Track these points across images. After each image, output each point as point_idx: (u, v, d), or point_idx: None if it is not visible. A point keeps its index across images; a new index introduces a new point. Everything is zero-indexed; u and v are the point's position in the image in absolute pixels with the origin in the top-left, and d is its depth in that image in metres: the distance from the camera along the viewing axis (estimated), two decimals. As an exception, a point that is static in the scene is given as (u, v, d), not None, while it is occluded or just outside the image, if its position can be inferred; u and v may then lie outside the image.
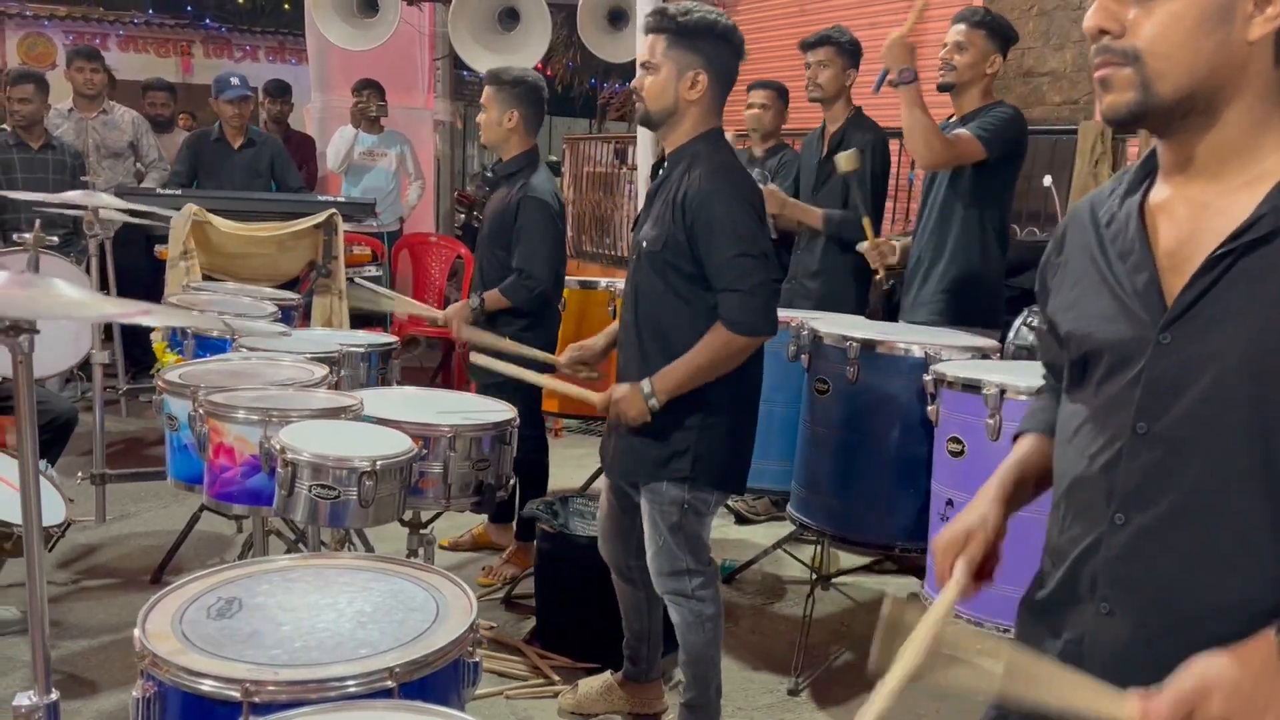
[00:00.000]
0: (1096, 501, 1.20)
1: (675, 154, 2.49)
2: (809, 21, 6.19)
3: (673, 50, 2.40)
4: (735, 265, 2.33)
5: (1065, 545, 1.25)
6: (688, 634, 2.56)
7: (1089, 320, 1.24)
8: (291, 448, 2.11)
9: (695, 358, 2.37)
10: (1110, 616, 1.18)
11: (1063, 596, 1.25)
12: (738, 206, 2.35)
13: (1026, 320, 3.78)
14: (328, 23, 6.29)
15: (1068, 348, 1.28)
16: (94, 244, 3.79)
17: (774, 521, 4.35)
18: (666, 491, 2.47)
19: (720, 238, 2.33)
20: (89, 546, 3.85)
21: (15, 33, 12.03)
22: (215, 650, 1.46)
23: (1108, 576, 1.19)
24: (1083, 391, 1.25)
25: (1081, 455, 1.23)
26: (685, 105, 2.43)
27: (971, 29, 3.30)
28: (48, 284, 1.25)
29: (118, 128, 6.06)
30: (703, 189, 2.35)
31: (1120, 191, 1.26)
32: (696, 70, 2.40)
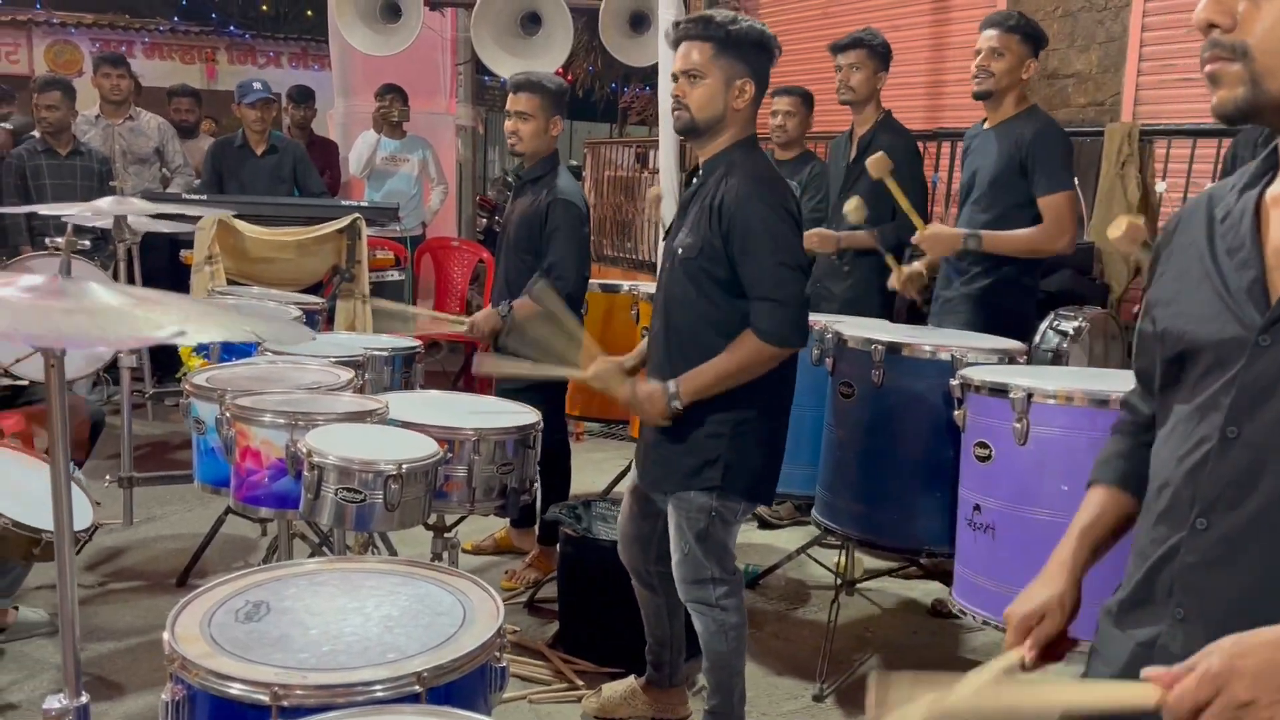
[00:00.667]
0: (1181, 505, 1.18)
1: (711, 162, 2.46)
2: (833, 25, 6.17)
3: (720, 59, 2.36)
4: (772, 274, 2.31)
5: (1147, 547, 1.23)
6: (711, 642, 2.54)
7: (1188, 317, 1.20)
8: (318, 451, 2.11)
9: (722, 363, 2.36)
10: (1184, 622, 1.16)
11: (1139, 597, 1.23)
12: (776, 215, 2.33)
13: (1052, 324, 3.75)
14: (351, 28, 6.33)
15: (1163, 344, 1.24)
16: (123, 249, 3.83)
17: (798, 526, 4.33)
18: (694, 499, 2.45)
19: (758, 245, 2.31)
20: (116, 549, 3.88)
21: (42, 40, 12.17)
22: (243, 654, 1.46)
23: (1184, 581, 1.16)
24: (1178, 391, 1.22)
25: (1171, 456, 1.20)
26: (732, 114, 2.40)
27: (1006, 34, 3.26)
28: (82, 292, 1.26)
29: (144, 134, 6.12)
30: (741, 195, 2.33)
31: (1239, 186, 1.22)
32: (745, 79, 2.38)
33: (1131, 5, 4.76)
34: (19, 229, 5.31)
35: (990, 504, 2.50)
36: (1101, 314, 3.78)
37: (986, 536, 2.51)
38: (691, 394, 2.38)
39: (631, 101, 13.24)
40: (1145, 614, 1.22)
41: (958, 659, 3.32)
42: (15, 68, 11.83)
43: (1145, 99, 4.77)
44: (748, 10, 7.01)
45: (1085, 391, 2.32)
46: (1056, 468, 2.34)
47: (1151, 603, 1.21)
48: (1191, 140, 4.35)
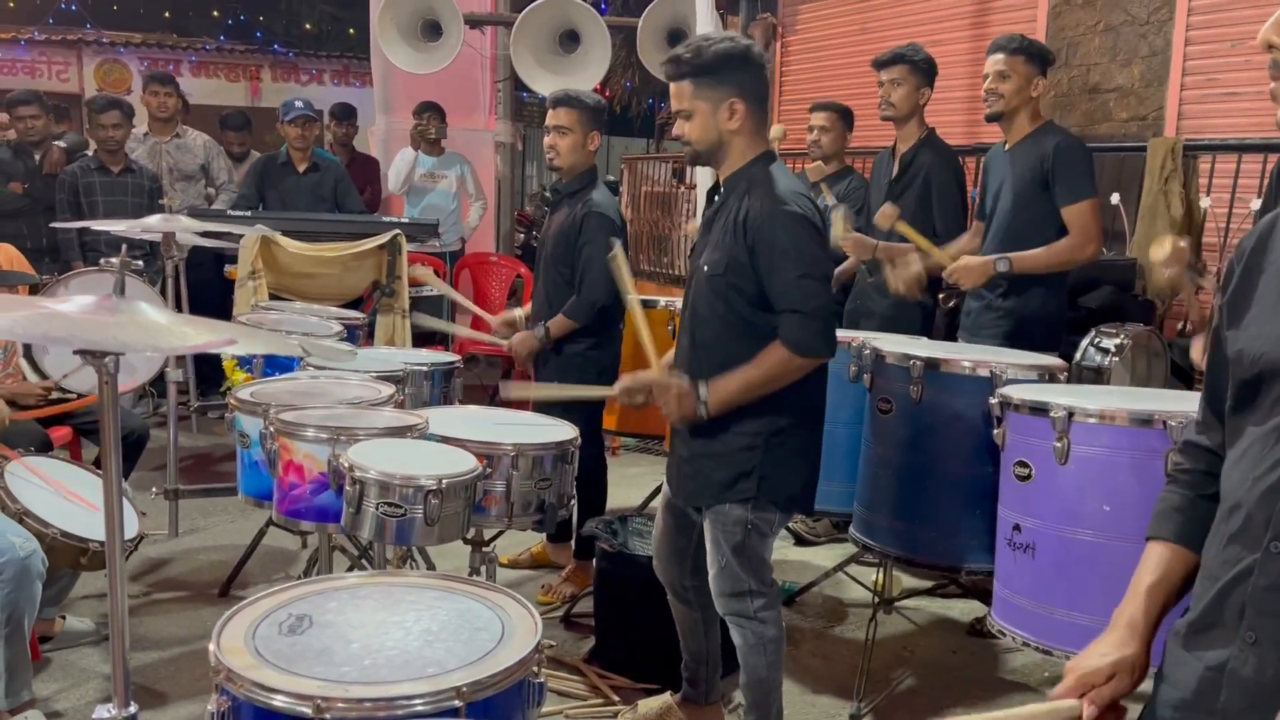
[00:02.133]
0: (1254, 527, 1.16)
1: (731, 180, 2.48)
2: (870, 40, 6.16)
3: (700, 90, 2.40)
4: (798, 286, 2.33)
5: (1219, 569, 1.21)
6: (749, 656, 2.54)
7: (1264, 340, 1.19)
8: (359, 466, 2.14)
9: (750, 373, 2.37)
10: (1255, 645, 1.15)
11: (1208, 620, 1.22)
12: (799, 227, 2.35)
13: (1094, 341, 3.71)
14: (392, 47, 6.42)
15: (1235, 366, 1.23)
16: (170, 265, 3.90)
17: (834, 543, 4.31)
18: (730, 512, 2.46)
19: (783, 259, 2.33)
20: (160, 560, 3.95)
21: (92, 59, 12.46)
22: (287, 666, 1.48)
23: (1257, 605, 1.15)
24: (1253, 413, 1.21)
25: (1244, 478, 1.19)
26: (729, 136, 2.43)
27: (1011, 56, 3.35)
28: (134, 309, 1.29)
29: (190, 151, 6.24)
30: (764, 210, 2.35)
31: None
32: (731, 100, 2.40)
33: (1175, 19, 4.71)
34: (71, 245, 5.43)
35: (1030, 524, 2.47)
36: (1144, 331, 3.74)
37: (1026, 556, 2.48)
38: (720, 403, 2.40)
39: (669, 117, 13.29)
40: (1215, 637, 1.20)
41: (996, 679, 3.28)
42: (66, 86, 12.12)
43: (1189, 113, 4.71)
44: (785, 27, 7.02)
45: (1128, 411, 2.30)
46: (1098, 488, 2.31)
47: (1221, 625, 1.19)
48: (1237, 155, 4.29)
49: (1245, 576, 1.16)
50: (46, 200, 5.50)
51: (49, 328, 1.31)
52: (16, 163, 5.59)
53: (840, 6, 6.60)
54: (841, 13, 6.60)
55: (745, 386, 2.38)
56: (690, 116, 2.43)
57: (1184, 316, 4.44)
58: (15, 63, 12.08)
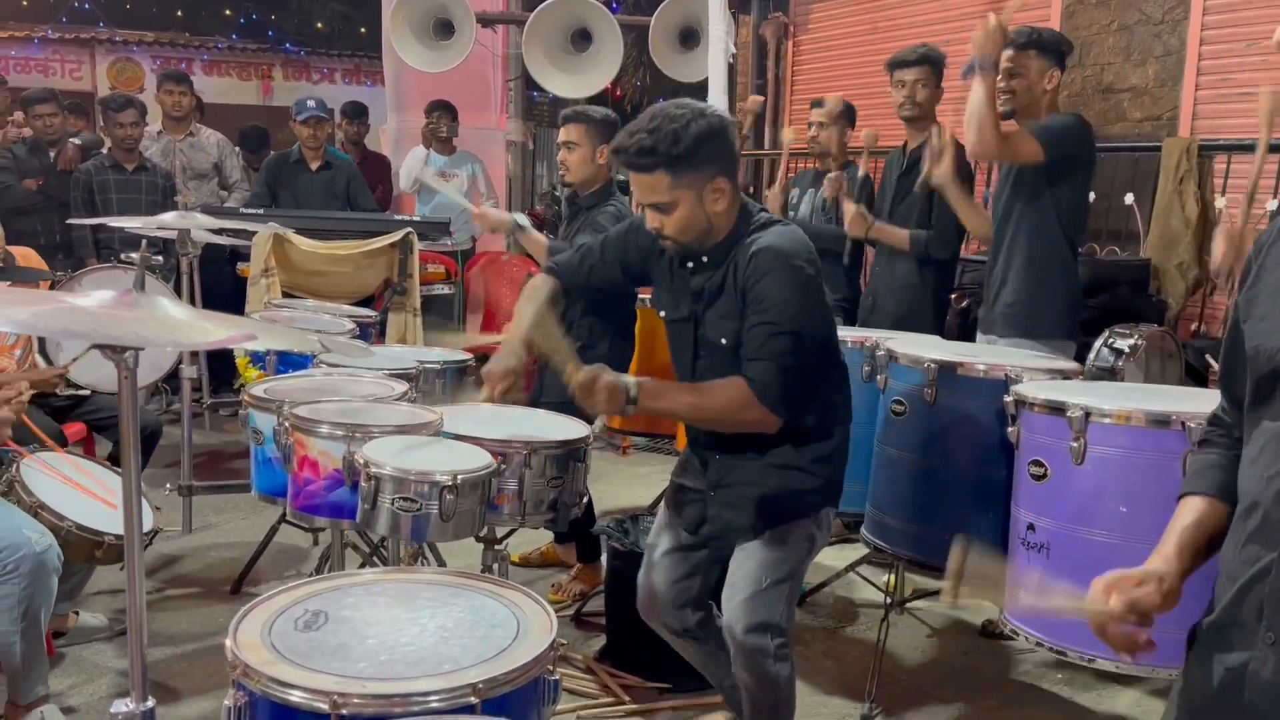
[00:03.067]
0: (1271, 526, 1.16)
1: (716, 249, 2.28)
2: (882, 39, 6.15)
3: (681, 178, 2.16)
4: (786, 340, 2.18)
5: (1237, 568, 1.21)
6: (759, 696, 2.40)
7: (1277, 334, 1.18)
8: (375, 462, 2.14)
9: (701, 399, 2.26)
10: (1275, 646, 1.14)
11: (1229, 620, 1.21)
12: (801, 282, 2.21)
13: (1107, 341, 3.70)
14: (404, 45, 6.43)
15: (1252, 360, 1.23)
16: (185, 262, 3.92)
17: (846, 544, 4.30)
18: (798, 527, 2.36)
19: (779, 308, 2.18)
20: (173, 556, 3.96)
21: (105, 58, 12.52)
22: (303, 662, 1.48)
23: (1276, 604, 1.14)
24: (1268, 409, 1.20)
25: (1261, 476, 1.18)
26: (717, 217, 2.23)
27: (1019, 52, 3.30)
28: (153, 304, 1.30)
29: (203, 149, 6.26)
30: (760, 268, 2.19)
31: None
32: (714, 180, 2.19)
33: (1189, 18, 4.69)
34: (85, 242, 5.46)
35: (1045, 524, 2.46)
36: (1158, 331, 3.72)
37: (1041, 556, 2.47)
38: (648, 409, 2.23)
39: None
40: (1235, 638, 1.20)
41: (1009, 680, 3.27)
42: (79, 84, 12.18)
43: (1204, 113, 4.69)
44: (796, 26, 7.02)
45: (1145, 411, 2.29)
46: (1114, 488, 2.31)
47: (1241, 626, 1.19)
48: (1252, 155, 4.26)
49: (1264, 576, 1.15)
50: (61, 197, 5.53)
51: (69, 322, 1.32)
52: (32, 160, 5.62)
53: (852, 5, 6.60)
54: (853, 12, 6.59)
55: (687, 410, 2.30)
56: (670, 210, 2.19)
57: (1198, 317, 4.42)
58: (29, 61, 12.14)
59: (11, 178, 5.54)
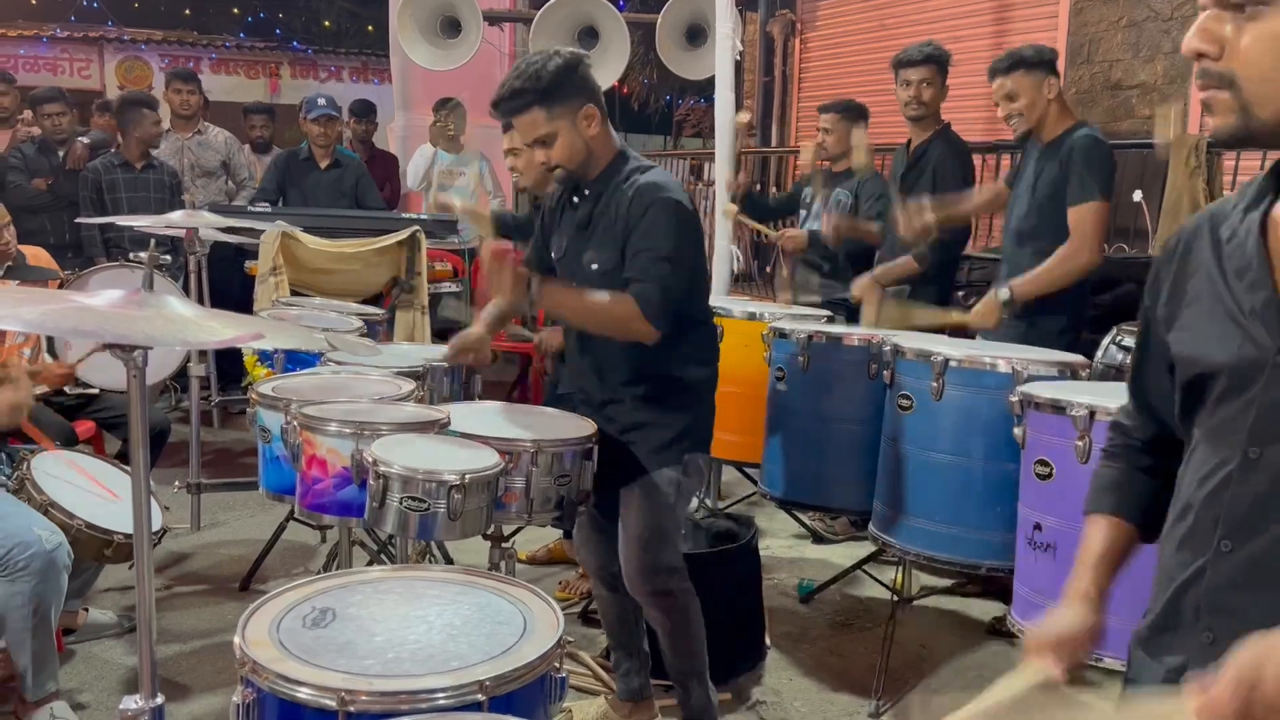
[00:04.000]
0: (1204, 527, 1.17)
1: (597, 180, 2.53)
2: (889, 37, 6.14)
3: (554, 110, 2.41)
4: (665, 264, 2.40)
5: (1173, 570, 1.22)
6: (679, 633, 2.60)
7: (1201, 340, 1.20)
8: (383, 460, 2.15)
9: (596, 304, 2.44)
10: (1214, 645, 1.15)
11: (1166, 622, 1.23)
12: (669, 210, 2.42)
13: (1115, 339, 3.69)
14: (412, 44, 6.44)
15: (1181, 368, 1.24)
16: (193, 261, 3.93)
17: (852, 541, 4.30)
18: (663, 473, 2.53)
19: (655, 239, 2.40)
20: (181, 554, 3.98)
21: (113, 56, 12.57)
22: (311, 659, 1.49)
23: (1211, 604, 1.16)
24: (1198, 415, 1.22)
25: (1192, 480, 1.20)
26: (594, 142, 2.48)
27: (1006, 76, 3.31)
28: (161, 303, 1.30)
29: (211, 147, 6.28)
30: (645, 199, 2.42)
31: (1242, 205, 1.21)
32: (583, 108, 2.43)
33: (1198, 15, 4.67)
34: (94, 240, 5.48)
35: (1051, 522, 2.46)
36: (1166, 329, 3.71)
37: (1047, 555, 2.47)
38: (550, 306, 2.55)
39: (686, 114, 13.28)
40: (1173, 639, 1.21)
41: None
42: (87, 83, 12.23)
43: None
44: (804, 24, 7.01)
45: (1151, 409, 2.28)
46: (1121, 486, 2.30)
47: (1179, 628, 1.20)
48: (1262, 152, 4.25)
49: (1199, 578, 1.17)
50: (70, 196, 5.55)
51: (78, 322, 1.33)
52: (41, 159, 5.64)
53: (859, 3, 6.59)
54: (860, 9, 6.58)
55: (584, 311, 2.48)
56: (551, 141, 2.44)
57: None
58: (37, 59, 12.20)
59: (21, 177, 5.56)
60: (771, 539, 4.34)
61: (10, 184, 5.52)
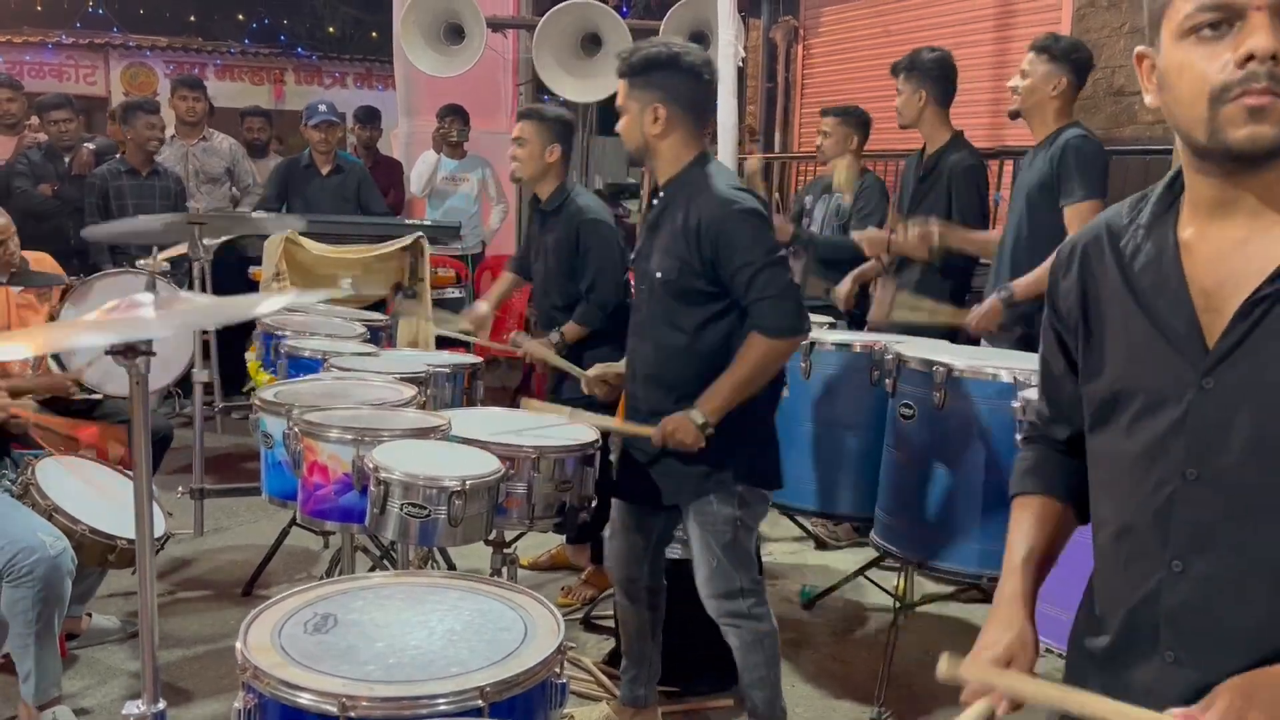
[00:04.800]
0: (1150, 548, 1.16)
1: (670, 185, 2.52)
2: (893, 43, 6.15)
3: (632, 90, 2.48)
4: (761, 276, 2.36)
5: (1121, 591, 1.21)
6: (748, 655, 2.56)
7: (1118, 359, 1.19)
8: (384, 466, 2.16)
9: (738, 372, 2.39)
10: (1178, 666, 1.15)
11: (1123, 646, 1.21)
12: (751, 221, 2.39)
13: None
14: (415, 50, 6.45)
15: (1093, 385, 1.24)
16: (198, 267, 3.94)
17: (855, 548, 4.30)
18: (718, 510, 2.48)
19: (743, 255, 2.37)
20: (184, 559, 3.98)
21: (119, 63, 12.59)
22: (313, 664, 1.50)
23: (1172, 626, 1.15)
24: (1110, 431, 1.21)
25: (1125, 500, 1.19)
26: (654, 141, 2.49)
27: (1035, 54, 3.34)
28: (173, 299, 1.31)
29: (216, 153, 6.30)
30: (716, 213, 2.39)
31: (1143, 222, 1.21)
32: (655, 104, 2.45)
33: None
34: (100, 247, 5.48)
35: (1053, 529, 2.46)
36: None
37: (1049, 562, 2.47)
38: (716, 412, 2.41)
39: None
40: (1131, 659, 1.20)
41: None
42: (92, 89, 12.26)
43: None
44: (807, 30, 7.02)
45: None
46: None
47: (1138, 648, 1.19)
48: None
49: (1154, 599, 1.16)
50: (76, 202, 5.57)
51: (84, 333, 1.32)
52: (47, 165, 5.66)
53: (862, 9, 6.59)
54: (863, 15, 6.59)
55: (737, 388, 2.40)
56: (623, 112, 2.52)
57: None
58: (43, 66, 12.23)
59: (27, 183, 5.58)
60: (773, 545, 4.34)
61: (16, 190, 5.54)
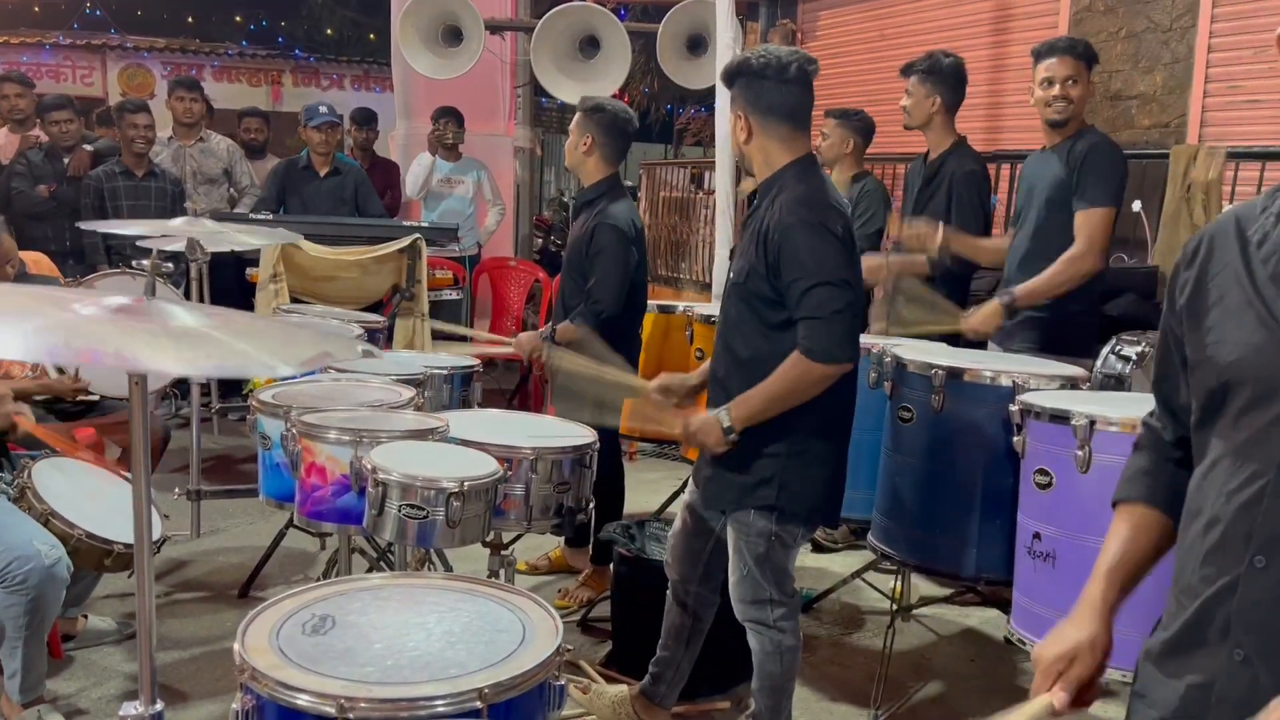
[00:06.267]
0: (1234, 542, 1.14)
1: (763, 187, 2.50)
2: (890, 46, 6.16)
3: (733, 97, 2.51)
4: (814, 294, 2.30)
5: (1197, 585, 1.19)
6: (765, 663, 2.54)
7: (1229, 347, 1.17)
8: (382, 468, 2.15)
9: (772, 386, 2.35)
10: (1245, 664, 1.12)
11: (1190, 639, 1.19)
12: (815, 234, 2.32)
13: (1115, 349, 3.69)
14: (413, 52, 6.46)
15: (1201, 374, 1.21)
16: (195, 269, 3.94)
17: (852, 550, 4.30)
18: (754, 523, 2.45)
19: (798, 267, 2.31)
20: (181, 561, 3.97)
21: (116, 64, 12.57)
22: (311, 666, 1.49)
23: (1244, 622, 1.13)
24: (1219, 423, 1.19)
25: (1219, 492, 1.17)
26: (740, 147, 2.53)
27: (1078, 60, 3.28)
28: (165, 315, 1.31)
29: (214, 155, 6.29)
30: (783, 221, 2.34)
31: (1274, 210, 1.18)
32: (738, 113, 2.48)
33: (1198, 26, 4.69)
34: (97, 248, 5.49)
35: (1050, 532, 2.47)
36: (1166, 339, 3.71)
37: (1046, 565, 2.48)
38: (743, 419, 2.38)
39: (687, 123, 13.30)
40: (1197, 656, 1.18)
41: (1015, 688, 3.26)
42: (90, 90, 12.23)
43: (1211, 120, 4.68)
44: (804, 33, 7.03)
45: (1150, 419, 2.28)
46: (1120, 496, 2.30)
47: (1204, 645, 1.17)
48: (1260, 163, 4.27)
49: (1228, 594, 1.14)
50: (73, 203, 5.56)
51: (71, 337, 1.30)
52: (47, 166, 5.66)
53: (860, 13, 6.60)
54: (861, 19, 6.59)
55: (768, 401, 2.36)
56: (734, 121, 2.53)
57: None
58: (41, 67, 12.20)
59: (26, 184, 5.57)
60: (771, 548, 4.33)
61: (14, 191, 5.53)
